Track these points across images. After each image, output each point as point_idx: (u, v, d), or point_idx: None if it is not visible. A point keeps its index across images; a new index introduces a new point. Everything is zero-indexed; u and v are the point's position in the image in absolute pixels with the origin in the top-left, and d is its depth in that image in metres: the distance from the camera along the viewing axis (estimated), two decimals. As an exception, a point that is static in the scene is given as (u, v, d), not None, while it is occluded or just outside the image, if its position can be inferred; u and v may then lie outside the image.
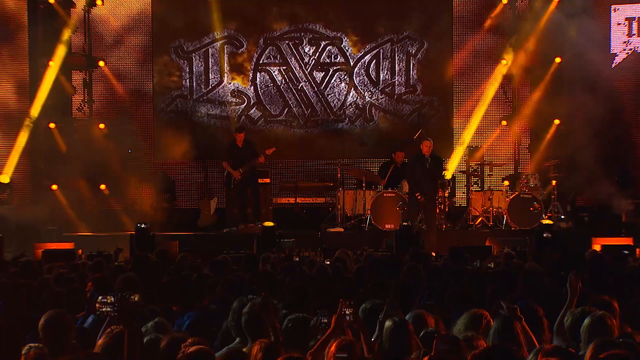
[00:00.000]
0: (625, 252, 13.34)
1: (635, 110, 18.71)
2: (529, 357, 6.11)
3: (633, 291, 9.22)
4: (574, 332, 6.83)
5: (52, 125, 18.94)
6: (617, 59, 18.94)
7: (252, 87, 20.31)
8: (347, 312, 6.82)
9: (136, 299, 8.52)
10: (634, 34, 19.01)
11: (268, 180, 18.58)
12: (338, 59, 20.43)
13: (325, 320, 7.19)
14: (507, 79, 20.00)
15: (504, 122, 20.26)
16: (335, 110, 20.40)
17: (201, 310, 8.60)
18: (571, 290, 7.75)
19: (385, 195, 18.00)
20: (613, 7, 18.75)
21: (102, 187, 19.13)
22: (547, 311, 7.62)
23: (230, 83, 20.18)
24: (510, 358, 5.82)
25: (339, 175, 19.32)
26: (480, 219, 18.77)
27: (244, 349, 6.23)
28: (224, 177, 18.58)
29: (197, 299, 9.16)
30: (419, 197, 17.07)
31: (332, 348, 6.11)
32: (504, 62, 19.81)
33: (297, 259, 13.44)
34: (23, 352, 6.03)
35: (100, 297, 8.00)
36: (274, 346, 6.13)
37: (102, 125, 19.62)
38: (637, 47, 18.99)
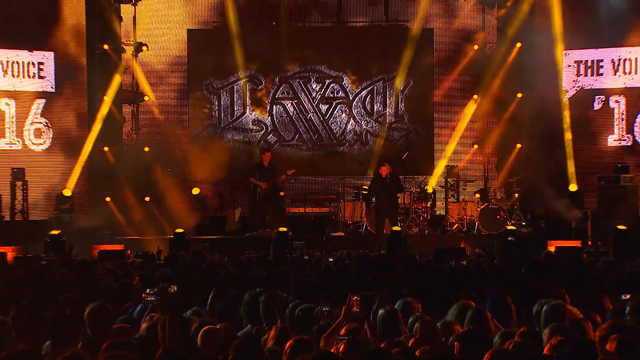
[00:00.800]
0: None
1: (581, 136, 18.69)
2: (495, 338, 6.17)
3: (582, 283, 9.25)
4: (538, 319, 6.85)
5: (106, 148, 19.01)
6: (568, 95, 18.93)
7: (270, 117, 20.35)
8: (354, 303, 6.87)
9: (174, 290, 8.56)
10: (581, 74, 19.00)
11: (282, 194, 18.58)
12: (339, 94, 20.45)
13: (327, 309, 7.25)
14: (478, 110, 20.02)
15: (475, 146, 20.33)
16: (337, 136, 20.43)
17: (227, 300, 8.62)
18: None
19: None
20: (564, 52, 18.73)
21: (147, 198, 19.11)
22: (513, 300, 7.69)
23: (251, 114, 20.22)
24: (483, 339, 5.89)
25: (340, 189, 19.41)
26: (456, 225, 18.78)
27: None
28: (250, 190, 18.56)
29: (224, 291, 9.17)
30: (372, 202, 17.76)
31: (342, 332, 6.19)
32: (475, 96, 19.87)
33: (307, 257, 13.49)
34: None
35: (147, 290, 8.07)
36: (286, 330, 6.17)
37: (146, 149, 19.69)
38: (584, 84, 18.99)
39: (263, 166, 18.24)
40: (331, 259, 12.66)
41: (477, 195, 19.19)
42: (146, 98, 19.85)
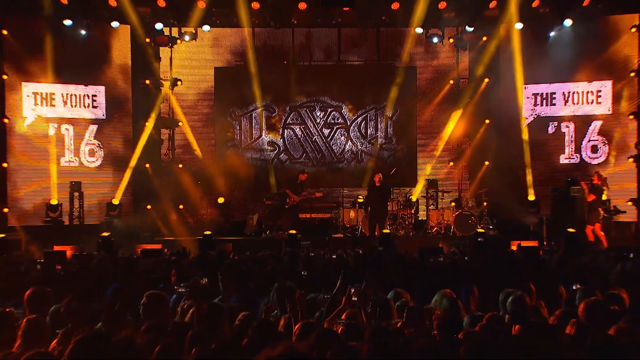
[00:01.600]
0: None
1: (538, 155, 18.73)
2: (465, 319, 6.20)
3: (539, 276, 9.25)
4: (504, 306, 6.87)
5: (147, 165, 19.10)
6: (527, 121, 18.98)
7: (282, 139, 20.40)
8: (353, 293, 6.88)
9: (203, 282, 8.55)
10: (538, 104, 19.06)
11: (294, 200, 18.58)
12: (339, 120, 20.48)
13: (328, 296, 7.26)
14: (453, 134, 20.04)
15: (451, 163, 20.36)
16: (337, 155, 20.46)
17: (246, 291, 8.63)
18: None
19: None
20: (524, 86, 18.82)
21: (180, 206, 19.13)
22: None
23: (266, 136, 20.27)
24: (456, 321, 5.90)
25: (340, 199, 19.41)
26: (435, 228, 18.77)
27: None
28: (278, 198, 18.55)
29: (244, 283, 9.17)
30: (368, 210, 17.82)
31: (344, 317, 6.20)
32: (451, 122, 19.90)
33: (312, 254, 13.48)
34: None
35: (180, 283, 8.09)
36: (295, 317, 6.17)
37: (180, 165, 19.78)
38: (540, 113, 19.03)
39: (297, 183, 18.30)
40: (334, 256, 12.70)
41: (453, 204, 19.19)
42: (180, 123, 19.94)
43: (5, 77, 17.44)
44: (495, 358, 4.46)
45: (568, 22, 18.05)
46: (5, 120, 17.52)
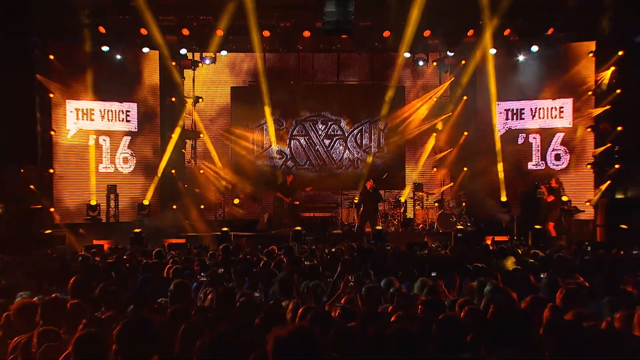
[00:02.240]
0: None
1: (509, 163, 18.75)
2: (447, 302, 6.20)
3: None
4: (480, 292, 6.85)
5: (173, 171, 19.10)
6: (500, 133, 18.99)
7: (289, 149, 20.38)
8: (351, 280, 6.88)
9: (220, 272, 8.55)
10: (509, 119, 19.08)
11: (297, 203, 18.57)
12: (338, 132, 20.46)
13: (330, 279, 7.31)
14: (436, 144, 20.06)
15: (435, 169, 20.36)
16: (336, 162, 20.44)
17: (257, 278, 8.63)
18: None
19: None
20: (497, 103, 18.84)
21: (202, 206, 19.19)
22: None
23: (275, 146, 20.23)
24: (438, 305, 5.90)
25: (338, 200, 19.45)
26: (421, 225, 18.79)
27: (283, 303, 6.25)
28: (277, 201, 18.64)
29: (255, 272, 9.17)
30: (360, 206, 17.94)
31: (343, 301, 6.20)
32: (434, 134, 19.92)
33: (314, 247, 13.50)
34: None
35: (201, 273, 8.08)
36: (300, 303, 6.18)
37: (201, 171, 19.78)
38: (511, 126, 19.05)
39: (287, 185, 18.41)
40: (333, 249, 12.69)
41: (436, 204, 19.23)
42: (201, 135, 19.94)
43: (51, 95, 17.47)
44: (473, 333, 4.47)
45: (535, 48, 18.11)
46: (52, 133, 17.54)
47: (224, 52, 19.04)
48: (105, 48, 17.72)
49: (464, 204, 18.77)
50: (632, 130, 16.36)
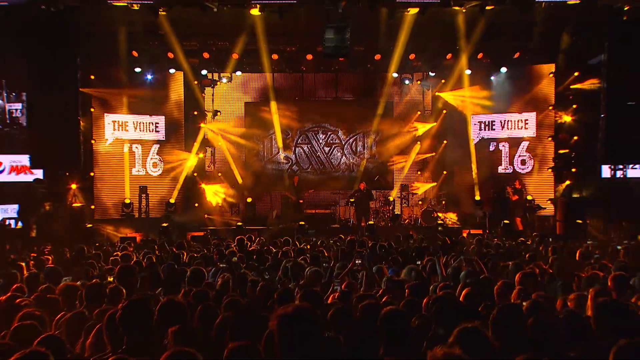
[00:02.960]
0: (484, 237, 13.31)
1: (482, 167, 18.75)
2: (431, 287, 6.23)
3: (483, 255, 9.29)
4: (455, 276, 6.89)
5: (195, 174, 19.12)
6: (474, 141, 19.03)
7: (294, 155, 20.37)
8: (350, 267, 6.93)
9: (235, 260, 8.57)
10: (482, 129, 19.12)
11: (301, 201, 18.61)
12: (336, 141, 20.46)
13: (326, 264, 7.36)
14: (420, 151, 20.06)
15: (419, 172, 20.34)
16: (334, 166, 20.44)
17: (268, 266, 8.66)
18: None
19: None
20: (472, 116, 18.87)
21: (219, 204, 19.21)
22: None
23: (283, 153, 20.24)
24: (423, 288, 5.93)
25: (337, 199, 19.48)
26: (407, 220, 18.84)
27: (290, 285, 6.29)
28: (284, 199, 18.71)
29: (266, 261, 9.20)
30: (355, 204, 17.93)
31: (343, 286, 6.24)
32: (418, 143, 19.94)
33: (314, 239, 13.52)
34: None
35: (221, 261, 8.11)
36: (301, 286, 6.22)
37: (219, 174, 19.79)
38: (484, 135, 19.09)
39: (294, 186, 18.46)
40: (331, 241, 12.74)
41: (420, 202, 19.27)
42: (219, 143, 19.93)
43: (92, 109, 17.55)
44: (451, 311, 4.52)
45: (504, 69, 18.19)
46: (93, 142, 17.61)
47: (238, 72, 19.08)
48: (137, 69, 17.79)
49: (443, 202, 18.82)
50: (585, 139, 16.40)
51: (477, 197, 18.50)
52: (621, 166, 15.73)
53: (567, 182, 17.05)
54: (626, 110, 14.08)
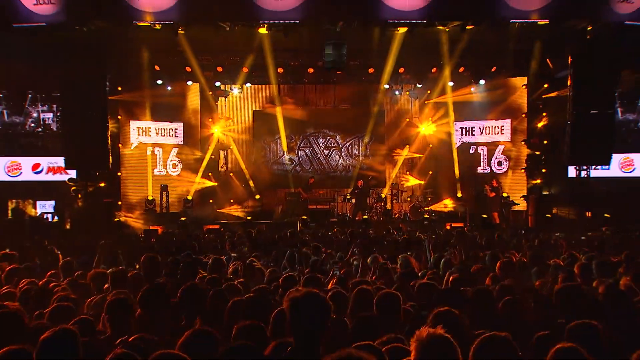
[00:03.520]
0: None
1: (463, 167, 18.76)
2: (419, 274, 6.25)
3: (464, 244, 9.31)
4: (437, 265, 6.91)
5: (210, 174, 19.12)
6: (457, 145, 19.06)
7: (297, 157, 20.35)
8: (356, 253, 6.94)
9: (245, 249, 8.58)
10: (464, 135, 19.15)
11: (305, 197, 18.62)
12: (334, 144, 20.43)
13: (328, 252, 7.31)
14: (409, 153, 20.06)
15: (408, 173, 20.22)
16: (333, 167, 20.40)
17: (276, 255, 8.66)
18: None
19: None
20: (455, 122, 18.90)
21: (231, 200, 19.22)
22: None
23: (287, 155, 20.24)
24: (412, 274, 5.95)
25: (335, 195, 19.48)
26: (397, 215, 18.85)
27: (295, 274, 6.31)
28: (294, 195, 18.66)
29: (272, 250, 9.20)
30: (353, 200, 17.99)
31: (342, 272, 6.26)
32: (407, 146, 19.93)
33: (312, 230, 13.53)
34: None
35: (232, 250, 8.12)
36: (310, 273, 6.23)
37: (231, 174, 19.78)
38: (465, 140, 19.11)
39: (308, 185, 18.53)
40: (330, 233, 12.76)
41: (409, 199, 19.26)
42: (231, 147, 19.90)
43: (119, 117, 17.57)
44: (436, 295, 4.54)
45: (482, 82, 18.17)
46: (120, 146, 17.63)
47: (248, 84, 19.09)
48: (159, 81, 17.79)
49: (429, 198, 18.82)
50: (554, 143, 16.43)
51: (459, 194, 18.54)
52: (585, 167, 15.73)
53: (538, 181, 17.08)
54: (589, 118, 14.11)
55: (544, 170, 16.98)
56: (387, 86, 18.81)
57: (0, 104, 18.48)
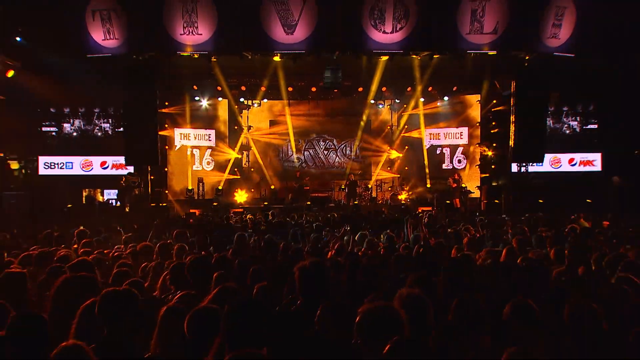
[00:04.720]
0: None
1: (432, 165, 18.71)
2: (397, 245, 6.15)
3: (433, 228, 9.26)
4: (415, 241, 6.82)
5: (235, 169, 19.06)
6: (427, 147, 18.97)
7: (303, 156, 20.25)
8: (342, 232, 6.91)
9: (263, 228, 8.48)
10: (432, 139, 19.10)
11: (308, 188, 18.58)
12: (332, 146, 20.32)
13: (326, 229, 7.26)
14: (390, 154, 19.97)
15: (389, 169, 20.18)
16: (331, 164, 20.32)
17: (286, 235, 8.63)
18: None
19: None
20: (426, 129, 18.81)
21: (252, 190, 19.16)
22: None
23: (295, 155, 20.14)
24: (392, 248, 5.92)
25: (332, 186, 19.41)
26: (381, 201, 18.65)
27: (300, 246, 6.26)
28: (296, 180, 18.57)
29: (284, 228, 9.17)
30: (347, 190, 17.75)
31: (337, 245, 6.24)
32: (388, 148, 19.83)
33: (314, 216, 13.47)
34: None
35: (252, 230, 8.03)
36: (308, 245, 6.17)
37: (252, 169, 19.72)
38: (433, 143, 19.01)
39: (297, 177, 18.37)
40: (328, 215, 12.73)
41: (390, 189, 19.18)
42: (252, 148, 19.86)
43: (166, 125, 17.53)
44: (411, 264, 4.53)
45: (446, 98, 18.11)
46: (166, 147, 17.59)
47: (265, 100, 18.97)
48: (197, 97, 17.76)
49: (405, 188, 18.76)
50: (501, 146, 16.41)
51: (428, 185, 18.50)
52: (524, 164, 15.79)
53: (488, 175, 17.05)
54: (527, 126, 14.18)
55: (493, 167, 16.94)
56: (373, 101, 18.69)
57: (77, 117, 18.72)
